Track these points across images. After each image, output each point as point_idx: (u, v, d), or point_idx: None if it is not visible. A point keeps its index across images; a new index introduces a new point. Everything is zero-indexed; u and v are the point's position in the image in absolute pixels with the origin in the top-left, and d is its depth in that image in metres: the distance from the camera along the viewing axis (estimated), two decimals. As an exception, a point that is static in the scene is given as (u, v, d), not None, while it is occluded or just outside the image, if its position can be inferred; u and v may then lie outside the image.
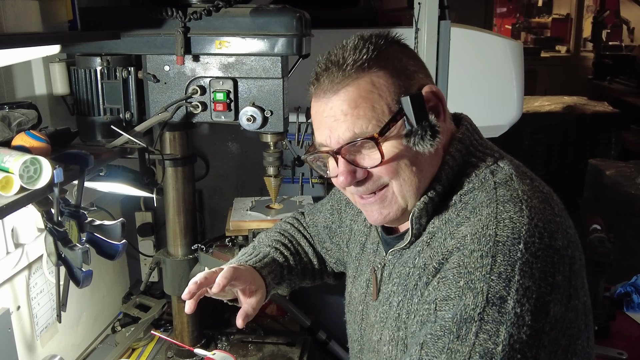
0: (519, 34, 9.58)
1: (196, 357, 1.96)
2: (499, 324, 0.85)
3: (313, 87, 1.06)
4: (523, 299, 0.86)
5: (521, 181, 1.01)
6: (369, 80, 1.00)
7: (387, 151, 1.01)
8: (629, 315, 2.31)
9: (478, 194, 1.01)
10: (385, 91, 1.00)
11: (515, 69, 2.33)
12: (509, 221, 0.92)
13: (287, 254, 1.42)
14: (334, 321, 2.42)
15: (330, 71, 1.02)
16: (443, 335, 0.89)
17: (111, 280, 2.33)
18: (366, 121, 1.00)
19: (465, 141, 1.08)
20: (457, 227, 0.99)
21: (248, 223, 1.84)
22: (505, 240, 0.90)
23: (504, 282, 0.87)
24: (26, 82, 1.75)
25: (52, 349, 1.86)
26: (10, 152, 1.21)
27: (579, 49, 8.72)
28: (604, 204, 4.18)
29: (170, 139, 1.84)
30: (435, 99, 1.05)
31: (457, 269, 0.92)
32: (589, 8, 8.98)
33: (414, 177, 1.03)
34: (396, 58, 1.04)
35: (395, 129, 1.00)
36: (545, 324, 0.87)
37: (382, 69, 1.01)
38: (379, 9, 2.69)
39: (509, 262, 0.88)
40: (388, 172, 1.03)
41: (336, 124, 1.01)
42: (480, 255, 0.90)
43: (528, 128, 5.86)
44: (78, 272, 1.37)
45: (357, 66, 1.00)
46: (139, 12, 1.66)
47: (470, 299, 0.88)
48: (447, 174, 1.05)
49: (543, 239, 0.91)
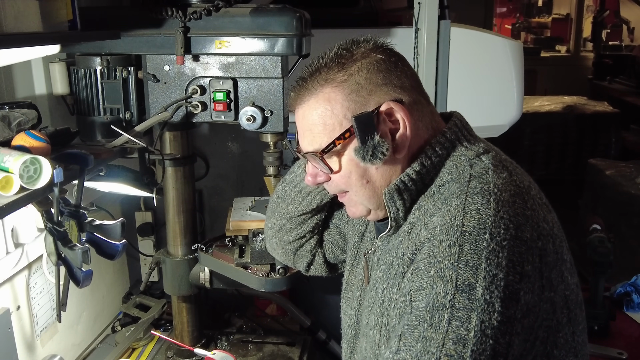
0: (519, 33, 9.57)
1: (196, 357, 1.96)
2: (470, 310, 0.88)
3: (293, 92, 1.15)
4: (491, 286, 0.88)
5: (496, 175, 1.03)
6: (326, 96, 1.07)
7: (337, 165, 1.10)
8: (629, 315, 2.31)
9: (452, 185, 1.05)
10: (338, 108, 1.06)
11: (515, 69, 2.33)
12: (475, 212, 0.95)
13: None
14: (334, 321, 2.41)
15: (299, 83, 1.12)
16: (418, 325, 0.92)
17: (111, 280, 2.33)
18: (319, 138, 1.09)
19: (448, 135, 1.11)
20: (430, 218, 1.03)
21: (248, 223, 1.84)
22: (471, 231, 0.93)
23: (471, 270, 0.90)
24: (26, 82, 1.75)
25: (52, 348, 1.86)
26: (10, 152, 1.21)
27: (579, 49, 8.72)
28: (604, 204, 4.17)
29: (170, 139, 1.84)
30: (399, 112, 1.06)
31: (427, 259, 0.96)
32: (589, 8, 8.97)
33: (364, 189, 1.11)
34: (364, 70, 1.07)
35: (347, 144, 1.07)
36: (516, 311, 0.89)
37: (342, 84, 1.06)
38: (379, 8, 2.69)
39: (475, 250, 0.91)
40: (340, 182, 1.12)
41: (302, 136, 1.14)
42: (448, 244, 0.94)
43: (528, 128, 5.86)
44: (78, 272, 1.37)
45: (322, 79, 1.08)
46: (139, 12, 1.66)
47: (441, 287, 0.91)
48: (424, 162, 1.08)
49: (509, 230, 0.93)
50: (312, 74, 1.09)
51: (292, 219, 1.41)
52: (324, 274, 1.52)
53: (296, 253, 1.48)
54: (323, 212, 1.42)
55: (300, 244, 1.46)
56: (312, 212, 1.40)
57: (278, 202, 1.44)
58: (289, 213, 1.41)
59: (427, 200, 1.08)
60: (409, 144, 1.08)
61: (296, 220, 1.41)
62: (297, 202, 1.39)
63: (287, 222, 1.43)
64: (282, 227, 1.44)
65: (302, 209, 1.39)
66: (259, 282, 1.76)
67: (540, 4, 10.00)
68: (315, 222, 1.42)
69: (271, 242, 1.52)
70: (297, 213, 1.40)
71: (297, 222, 1.42)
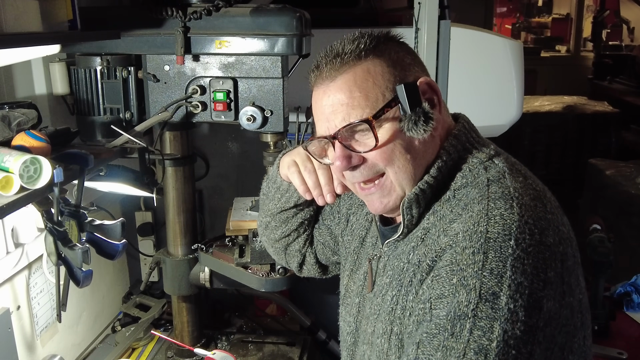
0: (519, 33, 9.58)
1: (196, 356, 1.96)
2: (493, 320, 0.86)
3: (312, 76, 1.10)
4: (516, 295, 0.86)
5: (513, 178, 1.02)
6: (365, 68, 1.04)
7: (381, 137, 1.04)
8: (629, 315, 2.31)
9: (471, 191, 1.02)
10: (380, 79, 1.04)
11: (515, 68, 2.33)
12: (499, 218, 0.93)
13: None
14: (334, 321, 2.41)
15: (329, 59, 1.06)
16: (438, 333, 0.89)
17: (111, 280, 2.33)
18: (360, 110, 1.03)
19: (460, 137, 1.10)
20: (450, 224, 1.00)
21: (248, 223, 1.84)
22: (496, 237, 0.91)
23: (496, 278, 0.87)
24: (26, 82, 1.75)
25: (52, 348, 1.86)
26: (10, 152, 1.21)
27: (579, 49, 8.72)
28: (604, 204, 4.17)
29: (170, 139, 1.84)
30: (431, 91, 1.08)
31: (449, 267, 0.93)
32: (589, 8, 8.97)
33: (408, 164, 1.06)
34: (393, 50, 1.07)
35: (390, 115, 1.04)
36: (539, 319, 0.87)
37: (378, 57, 1.05)
38: (379, 8, 2.69)
39: (500, 258, 0.89)
40: (382, 158, 1.05)
41: (333, 114, 1.06)
42: (472, 252, 0.91)
43: (528, 128, 5.86)
44: (78, 272, 1.37)
45: (355, 54, 1.04)
46: (139, 12, 1.66)
47: (464, 295, 0.88)
48: (440, 168, 1.06)
49: (534, 236, 0.91)
50: (342, 51, 1.05)
51: (275, 216, 1.40)
52: (316, 275, 1.51)
53: (286, 252, 1.47)
54: (305, 210, 1.39)
55: (287, 243, 1.44)
56: (293, 209, 1.37)
57: (263, 199, 1.43)
58: (270, 210, 1.40)
59: (443, 206, 1.05)
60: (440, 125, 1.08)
61: (279, 217, 1.39)
62: (277, 198, 1.36)
63: (271, 220, 1.41)
64: (267, 225, 1.43)
65: (281, 205, 1.36)
66: (259, 282, 1.76)
67: (540, 4, 10.01)
68: (298, 220, 1.39)
69: (262, 241, 1.52)
70: (277, 210, 1.38)
71: (280, 219, 1.40)
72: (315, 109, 1.11)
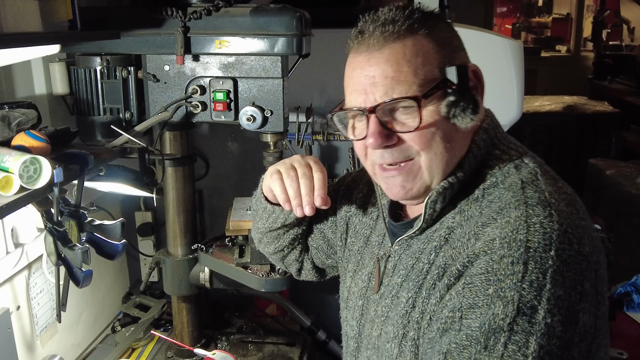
0: (519, 33, 9.57)
1: (196, 357, 1.96)
2: (529, 334, 0.82)
3: (354, 41, 1.01)
4: (554, 309, 0.83)
5: (547, 181, 0.98)
6: (417, 42, 0.97)
7: (424, 119, 0.96)
8: (629, 315, 2.31)
9: (504, 193, 0.97)
10: (430, 58, 0.97)
11: (516, 68, 2.33)
12: (539, 226, 0.89)
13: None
14: (334, 321, 2.41)
15: (379, 25, 0.97)
16: (469, 345, 0.85)
17: (111, 280, 2.33)
18: (406, 86, 0.96)
19: (490, 132, 1.05)
20: (483, 228, 0.94)
21: (248, 223, 1.84)
22: (536, 247, 0.86)
23: (535, 291, 0.83)
24: (26, 82, 1.75)
25: (52, 348, 1.86)
26: (10, 152, 1.21)
27: (579, 49, 8.71)
28: (604, 204, 4.17)
29: (170, 139, 1.84)
30: (476, 80, 1.03)
31: (485, 275, 0.88)
32: (589, 8, 8.96)
33: (445, 152, 0.99)
34: (443, 30, 1.01)
35: (436, 97, 0.97)
36: (574, 334, 0.84)
37: (429, 34, 0.98)
38: (379, 8, 2.68)
39: (540, 270, 0.85)
40: (421, 141, 0.98)
41: (373, 87, 0.97)
42: (510, 261, 0.86)
43: (528, 128, 5.85)
44: (78, 272, 1.37)
45: (408, 24, 0.96)
46: (139, 12, 1.66)
47: (500, 308, 0.84)
48: (470, 163, 1.02)
49: (573, 246, 0.88)
50: (394, 19, 0.97)
51: (266, 234, 1.35)
52: (314, 279, 1.48)
53: (283, 262, 1.45)
54: (296, 228, 1.33)
55: (283, 256, 1.42)
56: (281, 229, 1.32)
57: (253, 215, 1.38)
58: (259, 228, 1.35)
59: (471, 205, 1.00)
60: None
61: (270, 235, 1.35)
62: (264, 218, 1.30)
63: (262, 237, 1.38)
64: (260, 240, 1.41)
65: (269, 225, 1.30)
66: (259, 282, 1.76)
67: (540, 4, 10.00)
68: (290, 237, 1.34)
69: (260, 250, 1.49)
70: (266, 229, 1.33)
71: (271, 237, 1.35)
72: (351, 77, 1.02)
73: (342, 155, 2.34)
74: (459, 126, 0.99)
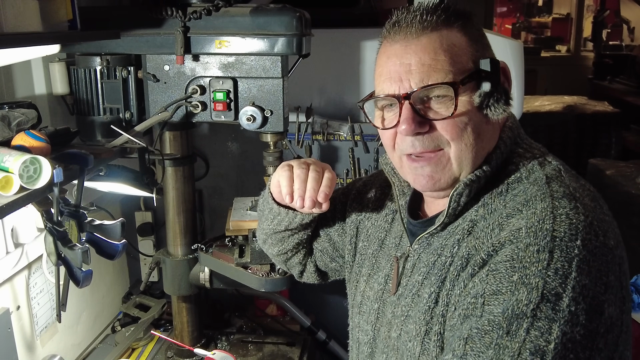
0: (519, 33, 9.57)
1: (196, 357, 1.96)
2: (552, 321, 0.82)
3: (390, 31, 1.03)
4: (579, 297, 0.83)
5: (570, 177, 1.00)
6: (452, 34, 1.00)
7: (458, 107, 0.98)
8: (629, 315, 2.30)
9: (529, 187, 0.98)
10: (465, 50, 1.00)
11: (516, 68, 2.33)
12: (565, 217, 0.90)
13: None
14: (334, 321, 2.42)
15: (416, 15, 1.00)
16: (491, 330, 0.85)
17: (111, 280, 2.33)
18: (443, 74, 0.97)
19: (514, 130, 1.07)
20: (507, 219, 0.95)
21: (248, 223, 1.84)
22: (562, 236, 0.87)
23: (560, 279, 0.84)
24: (26, 82, 1.75)
25: (52, 348, 1.86)
26: (10, 152, 1.21)
27: (579, 49, 8.72)
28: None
29: (170, 139, 1.84)
30: (504, 77, 1.04)
31: (510, 262, 0.88)
32: (589, 8, 8.97)
33: (475, 144, 1.00)
34: (475, 27, 1.04)
35: (470, 88, 0.99)
36: (599, 325, 0.84)
37: (464, 29, 1.01)
38: (379, 8, 2.69)
39: (566, 258, 0.85)
40: (453, 130, 0.99)
41: (409, 74, 0.99)
42: (536, 249, 0.87)
43: (528, 128, 5.78)
44: (78, 272, 1.37)
45: (445, 17, 0.99)
46: (139, 12, 1.66)
47: (524, 294, 0.84)
48: (498, 158, 1.03)
49: (598, 238, 0.89)
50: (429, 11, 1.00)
51: (271, 235, 1.35)
52: (315, 281, 1.48)
53: (286, 264, 1.45)
54: (301, 232, 1.33)
55: (286, 258, 1.42)
56: (286, 232, 1.32)
57: (259, 215, 1.38)
58: (264, 229, 1.36)
59: (495, 199, 1.01)
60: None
61: (275, 237, 1.35)
62: (270, 219, 1.30)
63: (267, 238, 1.38)
64: (265, 241, 1.41)
65: (274, 227, 1.30)
66: (259, 282, 1.76)
67: (540, 4, 10.01)
68: (295, 241, 1.34)
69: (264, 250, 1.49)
70: (271, 231, 1.33)
71: (276, 238, 1.35)
72: (385, 65, 1.03)
73: (342, 155, 2.33)
74: (490, 118, 1.01)
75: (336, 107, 2.38)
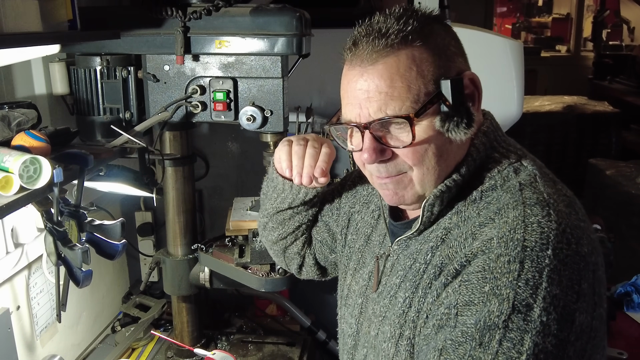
0: (519, 33, 9.57)
1: (196, 357, 1.96)
2: (524, 332, 0.82)
3: (348, 53, 1.01)
4: (550, 307, 0.83)
5: (545, 183, 0.98)
6: (410, 55, 0.96)
7: (417, 134, 0.97)
8: (629, 315, 2.31)
9: (502, 195, 0.97)
10: (424, 69, 0.96)
11: (516, 68, 2.33)
12: (537, 225, 0.89)
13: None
14: (334, 321, 2.41)
15: (372, 38, 0.97)
16: (464, 342, 0.86)
17: (111, 280, 2.33)
18: (400, 102, 0.96)
19: (489, 135, 1.06)
20: (480, 228, 0.95)
21: (248, 223, 1.84)
22: (533, 246, 0.87)
23: (531, 289, 0.84)
24: (26, 82, 1.75)
25: (52, 348, 1.86)
26: (10, 152, 1.21)
27: (579, 49, 8.72)
28: (604, 204, 4.17)
29: (170, 139, 1.84)
30: (472, 87, 1.02)
31: (481, 274, 0.89)
32: (589, 8, 8.97)
33: (437, 166, 1.00)
34: (439, 35, 1.00)
35: (430, 111, 0.97)
36: (570, 333, 0.84)
37: (424, 43, 0.97)
38: (379, 8, 2.68)
39: (537, 268, 0.85)
40: (414, 157, 0.99)
41: (368, 101, 0.97)
42: (507, 260, 0.87)
43: (528, 128, 5.85)
44: (78, 272, 1.37)
45: (400, 37, 0.95)
46: (138, 12, 1.66)
47: (495, 305, 0.85)
48: (469, 166, 1.02)
49: (570, 246, 0.88)
50: (387, 31, 0.96)
51: (272, 216, 1.37)
52: (315, 277, 1.48)
53: (284, 254, 1.45)
54: (302, 214, 1.35)
55: (285, 245, 1.42)
56: (289, 210, 1.34)
57: (262, 199, 1.41)
58: (267, 210, 1.38)
59: (468, 207, 1.00)
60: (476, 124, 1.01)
61: (276, 218, 1.37)
62: (273, 198, 1.33)
63: (268, 220, 1.39)
64: (265, 225, 1.42)
65: (277, 205, 1.33)
66: (259, 282, 1.76)
67: (540, 4, 10.01)
68: (295, 223, 1.36)
69: (262, 241, 1.51)
70: (274, 210, 1.35)
71: (277, 220, 1.37)
72: (347, 90, 1.02)
73: (342, 155, 2.34)
74: (454, 139, 0.99)
75: (336, 107, 2.38)
